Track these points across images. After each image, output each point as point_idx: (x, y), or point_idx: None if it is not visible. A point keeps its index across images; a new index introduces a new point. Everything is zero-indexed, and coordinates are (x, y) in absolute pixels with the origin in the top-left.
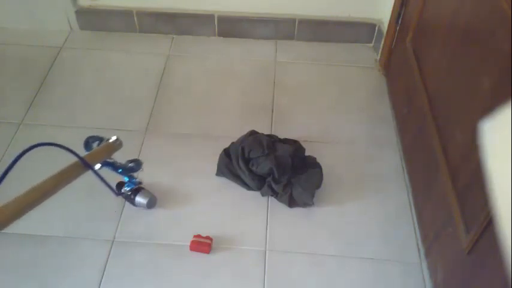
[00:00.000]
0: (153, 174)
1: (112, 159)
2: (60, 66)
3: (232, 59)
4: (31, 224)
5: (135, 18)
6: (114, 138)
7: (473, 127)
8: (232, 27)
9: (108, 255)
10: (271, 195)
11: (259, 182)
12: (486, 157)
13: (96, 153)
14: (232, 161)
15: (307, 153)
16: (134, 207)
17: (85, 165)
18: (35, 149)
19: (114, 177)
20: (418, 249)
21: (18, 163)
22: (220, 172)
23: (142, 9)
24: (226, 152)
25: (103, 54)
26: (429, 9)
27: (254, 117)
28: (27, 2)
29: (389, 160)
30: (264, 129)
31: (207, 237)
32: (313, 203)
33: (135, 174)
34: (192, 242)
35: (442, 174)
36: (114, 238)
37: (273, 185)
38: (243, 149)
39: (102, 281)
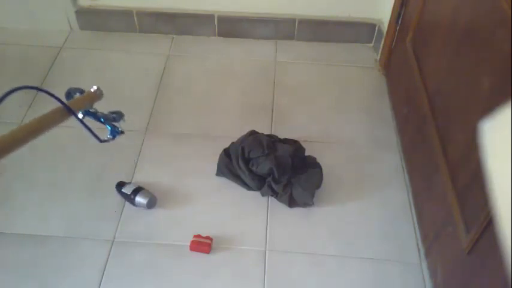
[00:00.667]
0: (153, 174)
1: (94, 109)
2: (60, 66)
3: (232, 59)
4: (31, 224)
5: (135, 18)
6: (95, 87)
7: (473, 127)
8: (232, 27)
9: (108, 255)
10: (271, 195)
11: (259, 182)
12: (486, 157)
13: (78, 100)
14: (232, 161)
15: (307, 153)
16: (134, 207)
17: (68, 110)
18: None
19: (112, 175)
20: (418, 249)
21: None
22: (220, 172)
23: (142, 9)
24: (226, 152)
25: (103, 54)
26: (429, 9)
27: (254, 117)
28: (27, 2)
29: (389, 160)
30: (264, 129)
31: (207, 237)
32: (313, 203)
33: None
34: (192, 242)
35: (442, 174)
36: (114, 238)
37: (273, 185)
38: (243, 149)
39: (102, 281)
